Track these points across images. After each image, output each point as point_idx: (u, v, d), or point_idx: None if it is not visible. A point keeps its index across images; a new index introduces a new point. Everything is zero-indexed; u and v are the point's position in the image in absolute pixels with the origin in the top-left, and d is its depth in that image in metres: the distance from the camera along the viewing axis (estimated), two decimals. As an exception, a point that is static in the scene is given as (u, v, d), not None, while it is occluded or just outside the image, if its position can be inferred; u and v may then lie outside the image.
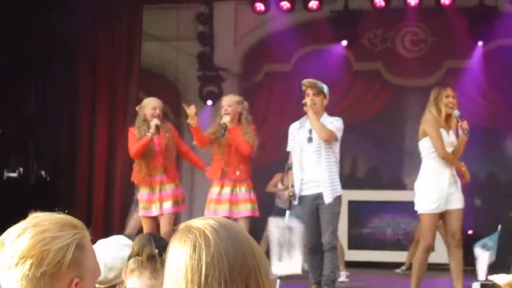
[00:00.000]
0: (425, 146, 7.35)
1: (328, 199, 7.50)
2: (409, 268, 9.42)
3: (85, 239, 2.00)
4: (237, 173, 7.80)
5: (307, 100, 7.58)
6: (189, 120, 7.74)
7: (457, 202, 7.23)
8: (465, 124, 7.27)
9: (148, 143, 7.98)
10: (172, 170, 8.15)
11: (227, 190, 7.77)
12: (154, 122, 7.95)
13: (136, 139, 8.06)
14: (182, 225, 1.84)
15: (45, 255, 1.90)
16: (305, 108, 7.57)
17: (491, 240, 8.20)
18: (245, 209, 7.74)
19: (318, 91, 7.63)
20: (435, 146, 7.24)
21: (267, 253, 7.20)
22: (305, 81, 7.71)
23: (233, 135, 7.72)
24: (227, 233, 1.78)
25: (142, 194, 8.12)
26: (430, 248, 7.33)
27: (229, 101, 7.91)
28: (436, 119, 7.27)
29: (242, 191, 7.78)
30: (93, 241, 2.10)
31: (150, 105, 8.11)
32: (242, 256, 1.75)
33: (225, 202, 7.69)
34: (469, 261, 7.93)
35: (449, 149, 7.25)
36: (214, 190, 7.86)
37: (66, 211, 2.05)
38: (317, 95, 7.61)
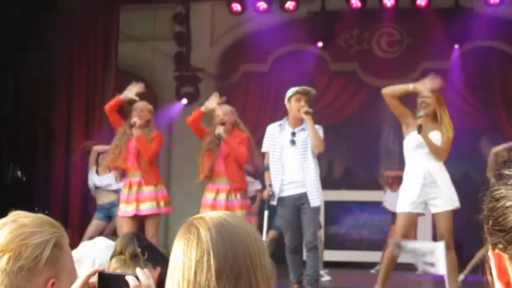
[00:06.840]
0: None
1: (315, 202, 7.53)
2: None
3: (63, 239, 2.01)
4: (233, 183, 7.81)
5: (307, 108, 7.54)
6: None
7: (440, 206, 7.07)
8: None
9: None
10: (150, 172, 8.13)
11: (222, 196, 7.77)
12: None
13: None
14: (188, 220, 1.88)
15: (23, 250, 1.91)
16: (304, 115, 7.55)
17: None
18: (241, 215, 7.75)
19: (309, 98, 7.65)
20: None
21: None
22: (300, 89, 7.67)
23: (230, 144, 7.73)
24: (221, 232, 1.80)
25: (123, 194, 8.17)
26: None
27: (225, 111, 7.92)
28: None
29: (238, 197, 7.80)
30: (70, 243, 2.10)
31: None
32: (232, 256, 1.77)
33: (220, 208, 7.62)
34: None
35: (421, 150, 7.16)
36: (209, 195, 7.86)
37: (46, 212, 2.06)
38: (308, 102, 7.62)
